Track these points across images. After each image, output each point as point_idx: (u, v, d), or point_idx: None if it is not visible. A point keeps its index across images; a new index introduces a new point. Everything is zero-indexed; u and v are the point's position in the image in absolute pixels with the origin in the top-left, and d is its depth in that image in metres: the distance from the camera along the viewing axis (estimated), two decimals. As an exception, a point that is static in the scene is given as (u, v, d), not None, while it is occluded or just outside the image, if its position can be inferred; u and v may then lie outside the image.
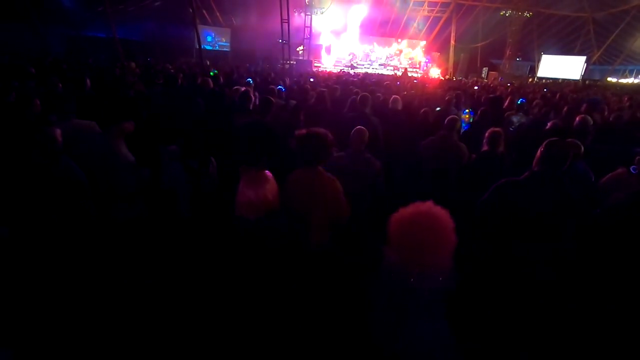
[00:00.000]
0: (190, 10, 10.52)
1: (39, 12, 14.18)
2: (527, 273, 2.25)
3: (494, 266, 2.32)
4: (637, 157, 2.77)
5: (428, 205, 1.49)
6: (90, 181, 2.54)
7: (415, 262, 1.48)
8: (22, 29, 13.92)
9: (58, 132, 2.32)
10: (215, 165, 2.81)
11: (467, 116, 5.74)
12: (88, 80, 4.48)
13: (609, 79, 24.25)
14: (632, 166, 2.73)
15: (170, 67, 11.13)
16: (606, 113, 5.46)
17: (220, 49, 23.34)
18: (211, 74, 8.34)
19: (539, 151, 2.27)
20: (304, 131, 2.21)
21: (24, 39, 13.69)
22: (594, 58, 24.47)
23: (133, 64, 9.80)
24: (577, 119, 4.14)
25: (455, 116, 3.83)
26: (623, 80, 24.05)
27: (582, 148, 2.99)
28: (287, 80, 8.39)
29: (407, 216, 1.49)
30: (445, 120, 3.73)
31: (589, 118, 4.14)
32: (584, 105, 5.58)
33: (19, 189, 2.20)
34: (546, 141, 2.26)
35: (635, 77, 24.33)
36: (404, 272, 1.54)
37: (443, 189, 3.54)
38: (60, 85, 3.90)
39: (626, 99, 7.18)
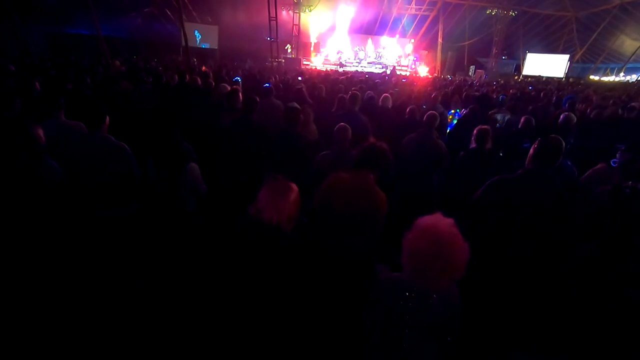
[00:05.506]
0: (176, 5, 10.34)
1: (20, 9, 13.75)
2: (522, 270, 2.25)
3: (487, 264, 2.30)
4: (619, 152, 2.85)
5: (448, 223, 1.43)
6: (78, 180, 2.49)
7: (427, 280, 1.42)
8: (1, 26, 13.47)
9: (40, 131, 2.27)
10: (193, 174, 2.68)
11: (450, 116, 5.77)
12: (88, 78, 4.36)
13: (591, 77, 24.83)
14: (613, 159, 2.79)
15: (155, 64, 10.95)
16: (588, 110, 5.57)
17: (207, 47, 23.04)
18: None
19: (532, 148, 2.27)
20: (371, 141, 2.29)
21: (3, 37, 13.24)
22: (577, 56, 25.01)
23: (117, 62, 9.62)
24: (561, 116, 4.23)
25: (435, 112, 3.78)
26: (605, 78, 24.65)
27: (564, 144, 3.06)
28: (274, 79, 8.34)
29: (426, 233, 1.41)
30: (425, 117, 3.74)
31: (573, 115, 4.23)
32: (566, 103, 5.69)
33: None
34: (539, 139, 2.26)
35: (616, 75, 24.96)
36: (406, 289, 1.49)
37: (422, 187, 3.59)
38: (38, 84, 3.78)
39: (611, 102, 7.29)
